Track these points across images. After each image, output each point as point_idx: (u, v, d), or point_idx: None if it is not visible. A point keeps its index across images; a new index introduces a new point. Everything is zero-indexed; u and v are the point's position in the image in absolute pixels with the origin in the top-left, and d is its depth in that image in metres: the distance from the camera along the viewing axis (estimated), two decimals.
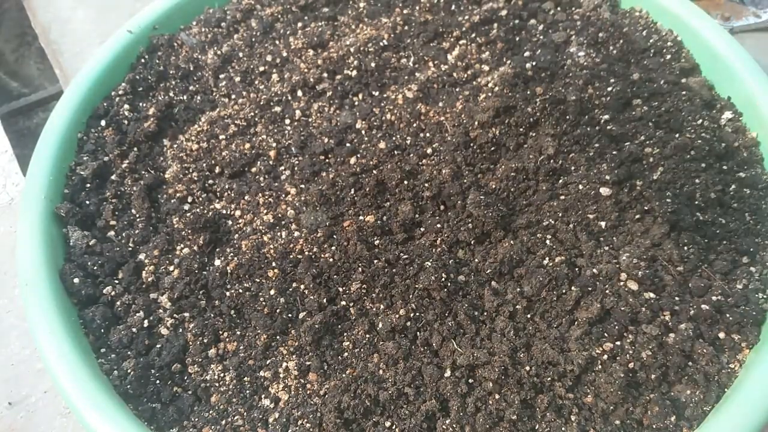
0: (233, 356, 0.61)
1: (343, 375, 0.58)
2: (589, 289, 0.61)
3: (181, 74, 0.86)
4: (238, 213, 0.71)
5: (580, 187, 0.67)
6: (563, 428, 0.54)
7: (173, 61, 0.87)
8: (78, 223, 0.70)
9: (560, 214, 0.67)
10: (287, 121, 0.80)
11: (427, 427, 0.55)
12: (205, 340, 0.61)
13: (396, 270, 0.64)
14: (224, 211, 0.71)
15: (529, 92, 0.73)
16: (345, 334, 0.61)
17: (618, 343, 0.59)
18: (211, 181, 0.75)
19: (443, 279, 0.62)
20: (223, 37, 0.91)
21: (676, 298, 0.61)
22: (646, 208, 0.65)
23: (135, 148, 0.77)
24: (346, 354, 0.60)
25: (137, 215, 0.72)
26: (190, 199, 0.73)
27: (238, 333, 0.62)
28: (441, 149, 0.74)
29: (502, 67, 0.80)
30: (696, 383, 0.57)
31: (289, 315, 0.62)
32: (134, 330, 0.63)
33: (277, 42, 0.90)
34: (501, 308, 0.62)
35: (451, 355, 0.58)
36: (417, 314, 0.60)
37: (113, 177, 0.75)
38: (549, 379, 0.57)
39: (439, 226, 0.68)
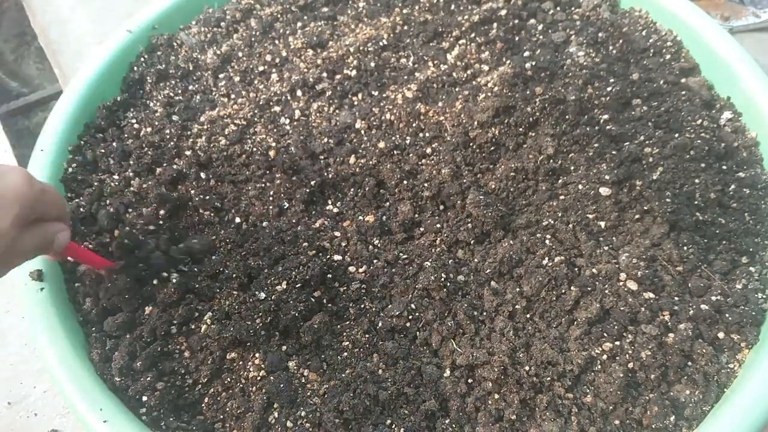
0: None
1: (343, 375, 0.58)
2: (589, 289, 0.61)
3: (180, 74, 0.86)
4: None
5: (580, 187, 0.67)
6: (563, 428, 0.54)
7: (173, 61, 0.87)
8: (79, 222, 0.70)
9: (560, 214, 0.67)
10: (287, 121, 0.80)
11: (427, 426, 0.55)
12: None
13: (395, 270, 0.64)
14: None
15: (528, 92, 0.73)
16: (345, 333, 0.61)
17: (617, 343, 0.59)
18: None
19: (443, 279, 0.62)
20: (223, 37, 0.91)
21: (676, 298, 0.61)
22: (645, 208, 0.65)
23: (135, 148, 0.77)
24: (345, 354, 0.60)
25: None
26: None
27: None
28: (440, 149, 0.74)
29: (501, 66, 0.80)
30: (695, 383, 0.57)
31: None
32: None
33: (276, 42, 0.90)
34: (500, 308, 0.62)
35: (451, 355, 0.58)
36: (416, 314, 0.60)
37: (115, 176, 0.75)
38: (548, 379, 0.57)
39: (438, 226, 0.68)
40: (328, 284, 0.63)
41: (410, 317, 0.60)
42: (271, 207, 0.70)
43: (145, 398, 0.58)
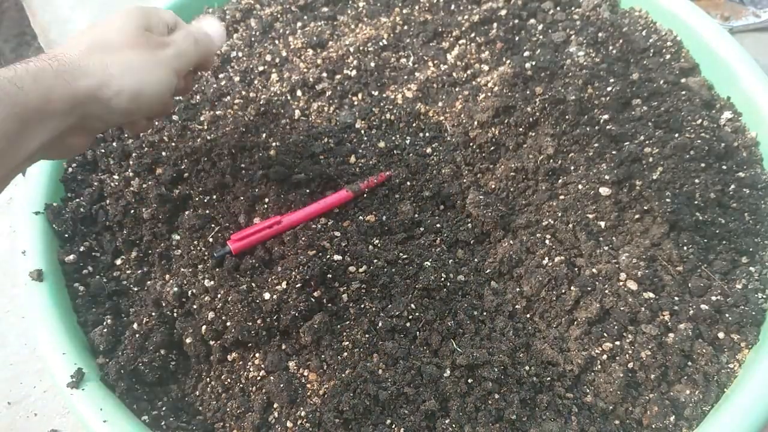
0: None
1: (343, 375, 0.58)
2: (589, 289, 0.61)
3: None
4: None
5: (580, 186, 0.67)
6: (563, 428, 0.54)
7: None
8: (78, 221, 0.70)
9: (560, 214, 0.67)
10: (287, 121, 0.80)
11: (427, 426, 0.55)
12: None
13: (395, 270, 0.64)
14: None
15: (528, 92, 0.73)
16: (345, 333, 0.61)
17: (617, 342, 0.59)
18: None
19: (443, 279, 0.62)
20: None
21: (676, 298, 0.61)
22: (645, 208, 0.65)
23: (135, 148, 0.77)
24: (345, 354, 0.60)
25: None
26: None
27: None
28: (440, 149, 0.74)
29: (501, 66, 0.80)
30: (695, 383, 0.57)
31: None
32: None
33: (276, 42, 0.90)
34: (500, 308, 0.62)
35: (451, 355, 0.58)
36: (416, 314, 0.60)
37: (115, 176, 0.75)
38: (548, 378, 0.57)
39: (438, 225, 0.68)
40: (328, 284, 0.63)
41: (410, 317, 0.60)
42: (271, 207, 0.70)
43: (146, 398, 0.58)
